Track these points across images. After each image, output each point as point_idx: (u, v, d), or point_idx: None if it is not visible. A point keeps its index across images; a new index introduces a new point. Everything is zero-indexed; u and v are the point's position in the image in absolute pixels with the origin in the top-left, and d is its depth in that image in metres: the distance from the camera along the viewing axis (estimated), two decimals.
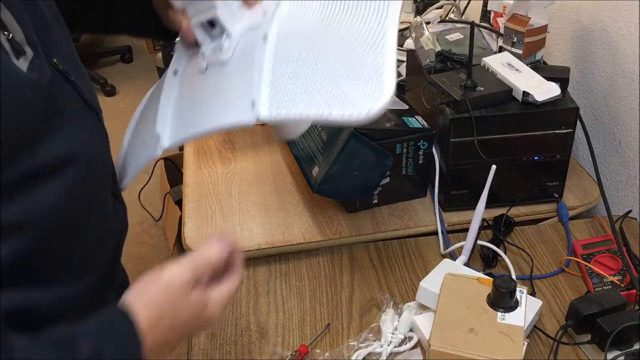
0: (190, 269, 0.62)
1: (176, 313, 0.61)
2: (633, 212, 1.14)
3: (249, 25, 0.71)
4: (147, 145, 0.73)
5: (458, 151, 1.07)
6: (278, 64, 0.65)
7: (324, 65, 0.63)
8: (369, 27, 0.63)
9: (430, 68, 1.16)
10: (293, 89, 0.62)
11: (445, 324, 0.79)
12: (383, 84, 0.58)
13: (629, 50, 1.13)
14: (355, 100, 0.59)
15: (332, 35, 0.65)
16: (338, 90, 0.60)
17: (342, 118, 0.59)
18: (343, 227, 1.12)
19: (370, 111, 0.58)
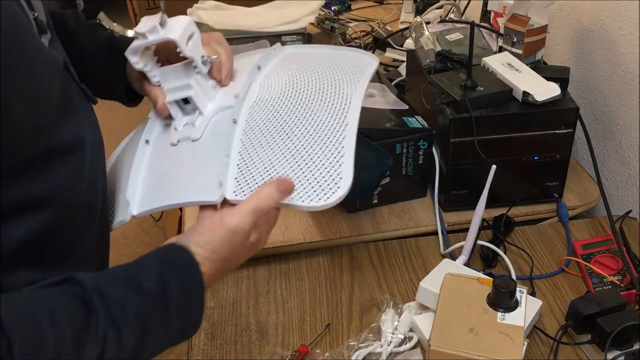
0: (253, 218, 0.66)
1: (235, 257, 0.66)
2: (633, 212, 1.14)
3: (221, 105, 0.76)
4: (117, 208, 0.76)
5: (458, 151, 1.07)
6: (245, 148, 0.71)
7: (289, 153, 0.69)
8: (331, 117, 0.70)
9: (430, 68, 1.16)
10: (258, 174, 0.69)
11: (445, 324, 0.79)
12: (342, 176, 0.68)
13: (629, 50, 1.13)
14: (316, 190, 0.67)
15: (297, 124, 0.71)
16: (300, 180, 0.67)
17: (302, 204, 0.67)
18: (343, 227, 1.12)
19: (327, 201, 0.67)
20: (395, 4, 2.06)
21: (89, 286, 0.55)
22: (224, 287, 1.02)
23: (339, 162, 0.67)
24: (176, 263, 0.62)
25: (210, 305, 0.99)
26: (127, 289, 0.57)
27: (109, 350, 0.53)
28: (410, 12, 1.87)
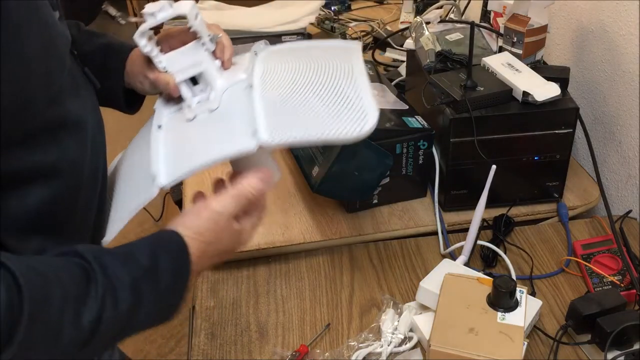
0: (236, 202, 0.69)
1: (221, 240, 0.68)
2: (633, 212, 1.14)
3: (231, 81, 0.77)
4: (138, 190, 0.76)
5: (458, 151, 1.07)
6: (268, 103, 0.71)
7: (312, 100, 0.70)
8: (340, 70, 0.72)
9: (430, 68, 1.16)
10: (288, 120, 0.69)
11: (445, 324, 0.79)
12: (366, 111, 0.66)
13: (629, 50, 1.13)
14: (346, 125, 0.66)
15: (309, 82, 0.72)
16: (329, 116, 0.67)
17: (339, 137, 0.66)
18: (343, 227, 1.12)
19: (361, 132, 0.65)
20: (395, 4, 2.06)
21: (89, 256, 0.58)
22: (224, 287, 1.02)
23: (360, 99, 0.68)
24: (166, 243, 0.65)
25: (210, 305, 0.99)
26: (124, 261, 0.60)
27: (107, 312, 0.56)
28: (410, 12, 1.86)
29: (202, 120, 0.75)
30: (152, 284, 0.61)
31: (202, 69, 0.76)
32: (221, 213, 0.68)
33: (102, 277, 0.57)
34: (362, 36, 1.79)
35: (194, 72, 0.76)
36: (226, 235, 0.69)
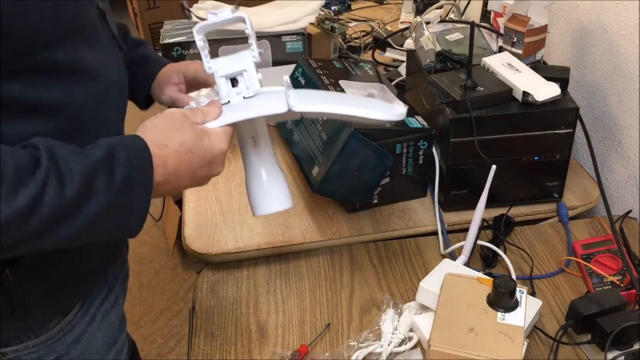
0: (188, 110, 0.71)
1: (181, 135, 0.67)
2: (633, 212, 1.14)
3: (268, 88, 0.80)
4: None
5: (458, 151, 1.07)
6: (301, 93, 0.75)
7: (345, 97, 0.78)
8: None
9: (430, 68, 1.16)
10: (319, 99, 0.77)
11: (445, 324, 0.79)
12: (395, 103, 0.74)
13: (629, 50, 1.13)
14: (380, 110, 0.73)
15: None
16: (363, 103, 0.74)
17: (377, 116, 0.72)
18: (343, 227, 1.12)
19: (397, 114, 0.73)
20: (395, 4, 2.06)
21: (41, 146, 0.59)
22: (224, 287, 1.02)
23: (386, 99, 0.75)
24: (125, 140, 0.65)
25: (210, 305, 0.99)
26: (76, 152, 0.61)
27: (49, 194, 0.57)
28: (410, 12, 1.87)
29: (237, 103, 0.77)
30: (106, 175, 0.61)
31: (244, 71, 0.77)
32: (174, 112, 0.69)
33: (47, 162, 0.57)
34: (362, 36, 1.79)
35: (237, 72, 0.77)
36: (186, 130, 0.67)
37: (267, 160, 0.78)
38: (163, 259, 2.35)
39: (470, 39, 1.03)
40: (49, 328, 0.77)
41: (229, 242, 1.08)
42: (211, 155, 0.69)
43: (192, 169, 0.68)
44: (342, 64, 1.31)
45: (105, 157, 0.61)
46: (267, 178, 0.78)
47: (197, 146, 0.68)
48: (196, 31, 0.78)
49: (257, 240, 1.09)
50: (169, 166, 0.66)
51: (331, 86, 1.17)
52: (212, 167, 0.70)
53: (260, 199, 0.78)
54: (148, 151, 0.64)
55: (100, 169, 0.60)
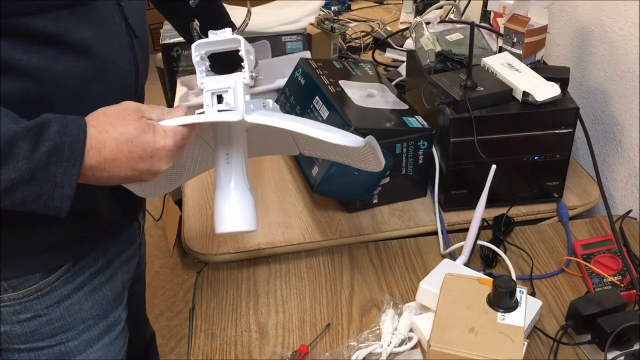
0: (146, 105, 0.72)
1: (125, 124, 0.68)
2: (633, 212, 1.14)
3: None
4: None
5: (458, 151, 1.07)
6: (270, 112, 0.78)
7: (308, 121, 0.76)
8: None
9: (430, 68, 1.16)
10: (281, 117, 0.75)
11: (445, 324, 0.79)
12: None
13: (629, 50, 1.13)
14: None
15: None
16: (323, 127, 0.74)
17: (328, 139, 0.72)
18: (343, 227, 1.12)
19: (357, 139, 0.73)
20: (395, 4, 2.06)
21: None
22: (224, 287, 1.02)
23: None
24: (67, 118, 0.66)
25: (210, 305, 0.99)
26: (10, 116, 0.63)
27: None
28: (410, 12, 1.87)
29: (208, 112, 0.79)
30: (29, 145, 0.62)
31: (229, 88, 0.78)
32: (127, 104, 0.70)
33: None
34: (362, 36, 1.79)
35: (222, 90, 0.79)
36: (132, 122, 0.68)
37: (237, 178, 0.79)
38: (163, 259, 2.35)
39: (470, 39, 1.03)
40: (26, 286, 0.80)
41: (229, 242, 1.08)
42: (153, 149, 0.69)
43: (132, 159, 0.68)
44: (342, 64, 1.31)
45: (34, 127, 0.63)
46: (235, 196, 0.78)
47: (139, 138, 0.68)
48: (194, 48, 0.80)
49: (257, 240, 1.09)
50: (105, 152, 0.66)
51: (331, 86, 1.17)
52: (153, 162, 0.70)
53: (224, 216, 0.78)
54: (84, 132, 0.65)
55: (24, 137, 0.62)
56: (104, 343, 0.91)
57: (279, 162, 1.30)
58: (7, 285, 0.79)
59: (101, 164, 0.66)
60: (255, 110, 0.76)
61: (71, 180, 0.65)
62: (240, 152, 0.80)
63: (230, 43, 0.80)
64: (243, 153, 0.80)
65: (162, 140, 0.70)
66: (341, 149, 0.80)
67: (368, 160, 0.80)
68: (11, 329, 0.82)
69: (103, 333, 0.91)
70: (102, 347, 0.91)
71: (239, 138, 0.80)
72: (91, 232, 0.84)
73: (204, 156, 0.90)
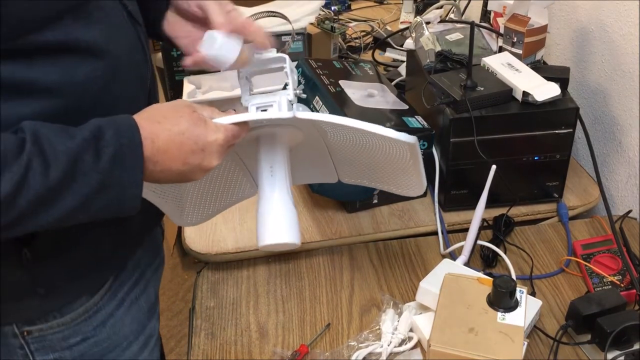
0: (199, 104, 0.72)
1: (177, 117, 0.67)
2: (633, 212, 1.14)
3: None
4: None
5: (458, 151, 1.07)
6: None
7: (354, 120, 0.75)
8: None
9: (430, 68, 1.16)
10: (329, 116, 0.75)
11: (445, 324, 0.79)
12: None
13: (629, 50, 1.13)
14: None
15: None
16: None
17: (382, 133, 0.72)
18: (343, 227, 1.12)
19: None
20: (395, 4, 2.06)
21: (27, 127, 0.60)
22: (224, 287, 1.02)
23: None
24: (116, 119, 0.65)
25: (210, 305, 0.99)
26: (63, 132, 0.61)
27: (34, 177, 0.58)
28: (410, 12, 1.87)
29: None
30: (92, 156, 0.61)
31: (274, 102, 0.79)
32: (181, 101, 0.70)
33: (31, 146, 0.58)
34: (362, 36, 1.79)
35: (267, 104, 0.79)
36: (185, 116, 0.68)
37: (281, 191, 0.78)
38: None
39: (470, 39, 1.03)
40: (74, 308, 0.78)
41: (229, 242, 1.08)
42: (204, 142, 0.68)
43: (184, 152, 0.67)
44: (342, 64, 1.31)
45: (91, 138, 0.62)
46: (278, 208, 0.77)
47: (190, 130, 0.67)
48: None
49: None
50: (158, 142, 0.66)
51: (331, 86, 1.17)
52: (205, 156, 0.69)
53: (266, 227, 0.77)
54: (137, 130, 0.64)
55: (86, 150, 0.61)
56: (143, 358, 0.89)
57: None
58: (55, 311, 0.77)
59: (155, 156, 0.66)
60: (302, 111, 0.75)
61: (137, 179, 0.64)
62: (284, 166, 0.79)
63: (275, 62, 0.80)
64: (286, 168, 0.79)
65: (214, 134, 0.69)
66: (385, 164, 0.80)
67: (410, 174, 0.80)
68: (61, 356, 0.80)
69: (142, 347, 0.89)
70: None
71: (283, 152, 0.79)
72: (125, 240, 0.82)
73: (236, 179, 0.90)
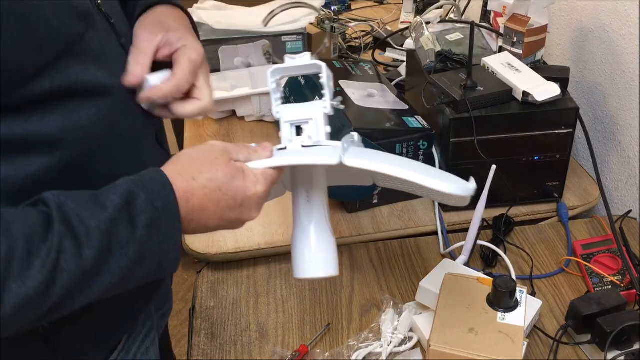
0: (232, 145, 0.66)
1: (213, 171, 0.62)
2: (633, 212, 1.14)
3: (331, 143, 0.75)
4: None
5: (458, 151, 1.07)
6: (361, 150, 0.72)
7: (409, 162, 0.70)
8: None
9: (430, 68, 1.16)
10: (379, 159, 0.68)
11: (445, 324, 0.79)
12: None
13: (629, 50, 1.13)
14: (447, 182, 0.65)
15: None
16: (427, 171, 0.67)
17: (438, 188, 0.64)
18: (343, 227, 1.12)
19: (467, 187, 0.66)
20: (395, 4, 2.06)
21: (51, 202, 0.54)
22: (224, 287, 1.02)
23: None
24: (146, 179, 0.59)
25: (210, 305, 0.99)
26: (91, 203, 0.56)
27: (67, 260, 0.52)
28: (410, 12, 1.87)
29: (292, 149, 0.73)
30: (127, 226, 0.56)
31: (310, 120, 0.74)
32: (215, 144, 0.64)
33: (60, 225, 0.53)
34: (362, 36, 1.79)
35: (302, 121, 0.74)
36: (221, 167, 0.62)
37: (318, 219, 0.73)
38: None
39: (470, 39, 1.03)
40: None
41: (229, 242, 1.08)
42: (243, 197, 0.63)
43: (221, 208, 0.63)
44: (342, 64, 1.31)
45: (123, 206, 0.56)
46: (315, 239, 0.73)
47: (228, 185, 0.62)
48: (270, 74, 0.74)
49: (257, 240, 1.09)
50: (194, 201, 0.61)
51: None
52: (243, 210, 0.64)
53: (303, 260, 0.73)
54: (171, 189, 0.59)
55: (120, 221, 0.56)
56: None
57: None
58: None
59: (190, 215, 0.61)
60: (348, 149, 0.69)
61: (176, 242, 0.60)
62: (322, 191, 0.74)
63: (310, 69, 0.74)
64: (324, 191, 0.75)
65: (254, 187, 0.64)
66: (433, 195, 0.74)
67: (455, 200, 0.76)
68: None
69: None
70: None
71: (320, 175, 0.74)
72: (141, 292, 0.78)
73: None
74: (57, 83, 0.59)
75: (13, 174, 0.58)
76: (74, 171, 0.61)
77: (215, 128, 1.44)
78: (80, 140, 0.62)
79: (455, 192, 0.65)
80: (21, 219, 0.52)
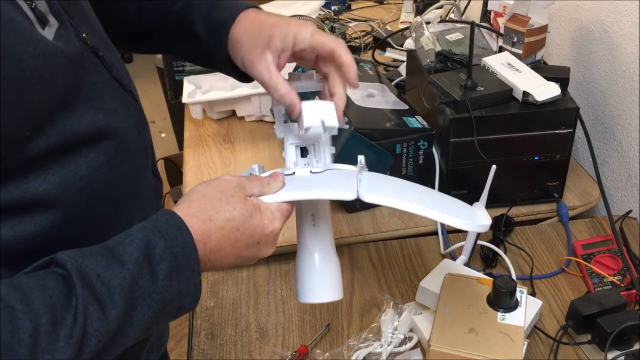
0: (245, 178, 0.64)
1: (230, 210, 0.60)
2: (633, 212, 1.14)
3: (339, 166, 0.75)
4: None
5: (458, 151, 1.07)
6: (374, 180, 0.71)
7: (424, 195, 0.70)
8: None
9: (430, 68, 1.16)
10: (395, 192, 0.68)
11: (445, 324, 0.79)
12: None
13: (629, 50, 1.13)
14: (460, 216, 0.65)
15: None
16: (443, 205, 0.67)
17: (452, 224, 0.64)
18: (343, 227, 1.12)
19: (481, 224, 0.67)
20: (395, 4, 2.06)
21: (68, 264, 0.52)
22: (224, 287, 1.02)
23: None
24: (161, 224, 0.58)
25: (210, 305, 0.99)
26: (110, 260, 0.54)
27: (93, 326, 0.51)
28: (410, 12, 1.87)
29: (302, 177, 0.72)
30: (148, 279, 0.55)
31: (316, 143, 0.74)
32: (228, 180, 0.62)
33: (82, 290, 0.51)
34: (362, 36, 1.79)
35: (308, 143, 0.74)
36: (238, 205, 0.61)
37: (324, 243, 0.72)
38: None
39: (470, 39, 1.03)
40: None
41: None
42: (261, 235, 0.63)
43: (238, 247, 0.62)
44: None
45: (143, 258, 0.55)
46: (320, 264, 0.71)
47: (246, 224, 0.61)
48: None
49: None
50: (211, 243, 0.60)
51: None
52: (260, 248, 0.64)
53: (307, 285, 0.72)
54: (188, 232, 0.58)
55: (140, 275, 0.54)
56: None
57: (279, 162, 1.30)
58: None
59: (206, 256, 0.60)
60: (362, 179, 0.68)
61: (196, 284, 0.59)
62: (327, 212, 0.73)
63: (316, 87, 0.75)
64: (329, 212, 0.74)
65: (271, 225, 0.64)
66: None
67: None
68: None
69: None
70: None
71: (326, 200, 0.73)
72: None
73: None
74: (52, 140, 0.56)
75: (12, 235, 0.56)
76: (77, 221, 0.60)
77: (215, 128, 1.44)
78: (81, 190, 0.60)
79: (472, 229, 0.66)
80: (39, 287, 0.50)
